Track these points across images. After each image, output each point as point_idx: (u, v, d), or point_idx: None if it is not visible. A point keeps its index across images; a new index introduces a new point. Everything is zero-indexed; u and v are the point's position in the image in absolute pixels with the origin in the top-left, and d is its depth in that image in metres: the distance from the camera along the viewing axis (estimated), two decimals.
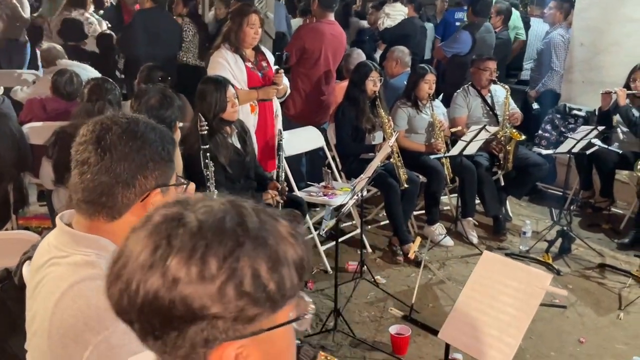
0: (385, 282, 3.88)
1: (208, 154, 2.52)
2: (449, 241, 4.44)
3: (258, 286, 0.72)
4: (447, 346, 1.95)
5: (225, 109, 3.21)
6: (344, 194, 3.92)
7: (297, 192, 4.05)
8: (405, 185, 4.19)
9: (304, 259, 0.79)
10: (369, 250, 4.33)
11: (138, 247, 0.73)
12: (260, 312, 0.74)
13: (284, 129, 4.07)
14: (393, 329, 3.06)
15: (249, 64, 3.86)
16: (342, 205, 3.26)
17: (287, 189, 3.57)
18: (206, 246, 0.71)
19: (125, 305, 0.73)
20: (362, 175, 3.05)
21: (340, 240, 4.30)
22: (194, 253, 0.71)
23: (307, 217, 3.91)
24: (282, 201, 3.40)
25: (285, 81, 4.05)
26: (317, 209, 4.57)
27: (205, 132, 2.47)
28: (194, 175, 3.18)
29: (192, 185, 1.36)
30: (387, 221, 4.42)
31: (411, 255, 2.15)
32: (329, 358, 1.02)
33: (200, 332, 0.72)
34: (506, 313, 1.79)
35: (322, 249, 4.04)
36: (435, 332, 1.90)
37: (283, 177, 3.65)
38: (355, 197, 3.09)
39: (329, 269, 3.98)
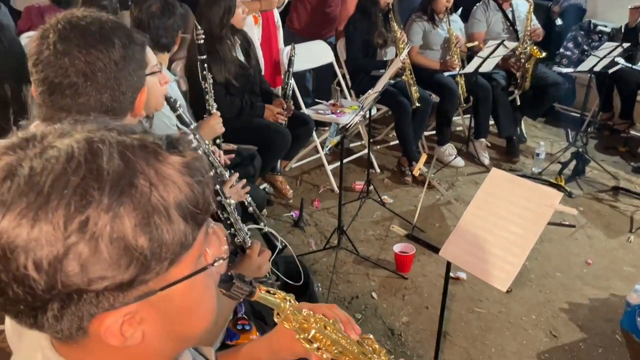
0: (392, 202, 3.83)
1: (205, 65, 2.39)
2: (459, 162, 4.35)
3: (121, 248, 0.58)
4: (449, 264, 1.91)
5: (235, 13, 3.06)
6: (353, 112, 3.80)
7: (305, 110, 3.93)
8: (417, 104, 4.05)
9: (195, 198, 0.63)
10: (377, 170, 4.27)
11: None
12: (137, 277, 0.60)
13: (287, 44, 3.88)
14: (397, 248, 3.04)
15: None
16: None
17: (292, 108, 3.45)
18: (43, 203, 0.56)
19: None
20: (370, 90, 2.92)
21: (347, 160, 4.25)
22: (28, 212, 0.56)
23: (314, 135, 3.81)
24: (285, 120, 3.29)
25: None
26: (326, 128, 4.46)
27: (202, 41, 2.33)
28: (197, 89, 3.07)
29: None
30: (397, 141, 4.32)
31: (416, 173, 2.07)
32: (271, 291, 0.90)
33: (61, 308, 0.60)
34: (511, 232, 1.72)
35: (328, 168, 3.98)
36: (437, 250, 1.85)
37: (290, 94, 3.52)
38: (362, 113, 2.97)
39: (335, 188, 3.93)
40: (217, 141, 2.69)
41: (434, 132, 4.64)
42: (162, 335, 0.69)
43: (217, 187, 1.62)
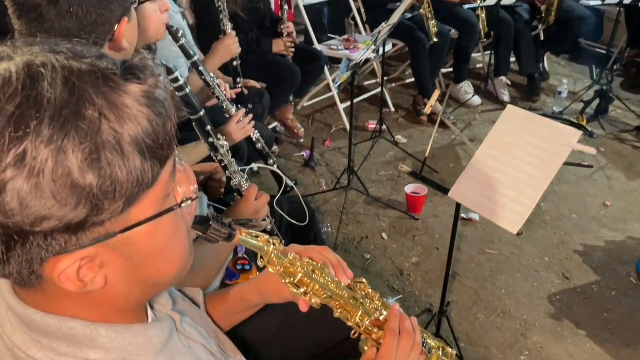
0: (406, 141, 3.74)
1: None
2: (476, 100, 4.20)
3: (67, 186, 0.52)
4: (458, 206, 1.84)
5: None
6: (367, 48, 3.66)
7: (317, 46, 3.79)
8: (435, 40, 3.87)
9: (154, 132, 0.57)
10: (392, 109, 4.16)
11: None
12: (88, 219, 0.55)
13: None
14: (409, 188, 2.98)
15: None
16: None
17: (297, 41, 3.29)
18: None
19: None
20: (384, 23, 2.77)
21: (360, 98, 4.14)
22: None
23: (327, 73, 3.69)
24: (293, 46, 3.15)
25: None
26: (340, 65, 4.33)
27: None
28: (205, 21, 2.96)
29: None
30: (413, 79, 4.18)
31: (427, 110, 1.97)
32: (254, 234, 0.86)
33: (6, 251, 0.55)
34: (525, 172, 1.64)
35: (341, 107, 3.88)
36: (446, 191, 1.78)
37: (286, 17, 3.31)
38: (375, 47, 2.83)
39: (348, 127, 3.84)
40: (238, 80, 2.62)
41: (451, 69, 4.47)
42: (128, 281, 0.64)
43: (208, 127, 1.55)
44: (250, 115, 1.87)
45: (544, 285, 2.53)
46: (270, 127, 3.69)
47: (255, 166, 1.89)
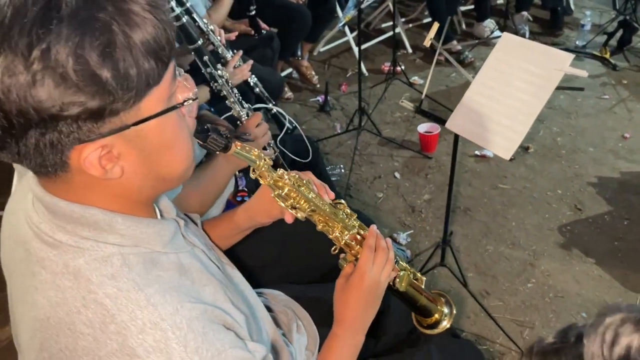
0: (422, 82, 3.72)
1: None
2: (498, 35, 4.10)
3: (87, 76, 0.61)
4: (456, 138, 1.87)
5: None
6: None
7: None
8: None
9: (158, 35, 0.66)
10: (409, 50, 4.11)
11: None
12: (106, 106, 0.64)
13: None
14: (422, 127, 3.00)
15: None
16: None
17: None
18: (6, 33, 0.60)
19: None
20: None
21: (377, 40, 4.11)
22: None
23: (339, 12, 3.65)
24: None
25: None
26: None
27: None
28: None
29: None
30: (430, 19, 4.11)
31: (426, 43, 1.96)
32: (247, 149, 0.92)
33: (40, 136, 0.64)
34: (518, 99, 1.65)
35: (356, 50, 3.85)
36: (444, 122, 1.81)
37: None
38: None
39: (364, 71, 3.84)
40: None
41: (472, 7, 4.37)
42: (141, 173, 0.74)
43: (206, 57, 1.60)
44: (250, 62, 1.91)
45: (555, 217, 2.56)
46: (284, 73, 3.72)
47: (256, 106, 1.95)
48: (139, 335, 0.69)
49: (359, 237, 1.10)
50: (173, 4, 1.48)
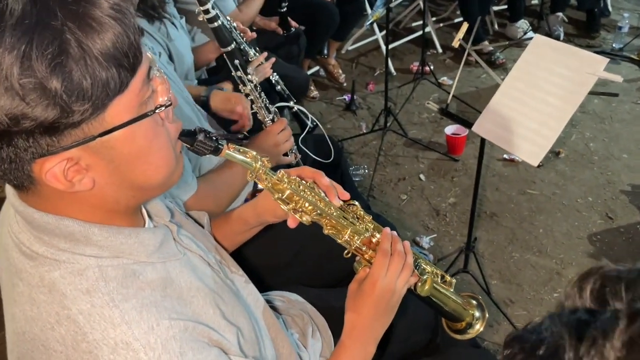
0: (451, 83, 3.65)
1: None
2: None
3: (35, 89, 0.57)
4: (483, 141, 1.82)
5: None
6: None
7: None
8: None
9: (120, 44, 0.61)
10: (439, 50, 4.04)
11: None
12: (60, 119, 0.60)
13: None
14: (449, 129, 2.94)
15: None
16: None
17: None
18: None
19: None
20: None
21: (406, 39, 4.05)
22: None
23: (368, 10, 3.60)
24: None
25: None
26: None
27: None
28: None
29: None
30: (462, 18, 4.03)
31: (455, 44, 1.91)
32: (241, 150, 0.88)
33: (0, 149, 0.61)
34: (548, 103, 1.59)
35: (385, 48, 3.80)
36: (470, 126, 1.76)
37: None
38: None
39: (392, 70, 3.78)
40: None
41: (505, 7, 4.27)
42: (114, 184, 0.70)
43: (237, 61, 1.59)
44: (273, 59, 1.89)
45: (585, 225, 2.48)
46: (311, 71, 3.70)
47: (277, 105, 1.93)
48: (110, 355, 0.67)
49: (374, 240, 1.04)
50: (209, 5, 1.46)
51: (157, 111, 0.70)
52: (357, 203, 1.05)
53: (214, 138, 0.84)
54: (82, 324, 0.67)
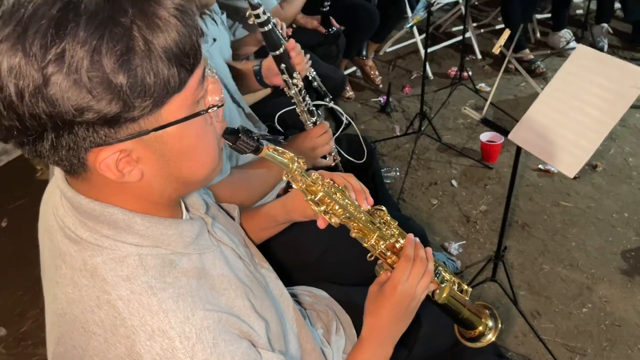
0: (489, 90, 3.62)
1: None
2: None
3: (101, 83, 0.59)
4: (518, 150, 1.80)
5: None
6: None
7: None
8: None
9: (182, 42, 0.63)
10: (478, 56, 4.01)
11: None
12: (121, 113, 0.62)
13: None
14: (484, 136, 2.91)
15: None
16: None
17: None
18: (22, 32, 0.58)
19: None
20: None
21: (445, 44, 4.02)
22: (8, 41, 0.59)
23: (409, 13, 3.60)
24: None
25: None
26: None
27: None
28: None
29: None
30: (503, 25, 3.98)
31: (495, 51, 1.90)
32: (280, 151, 0.90)
33: (56, 138, 0.63)
34: (588, 115, 1.57)
35: (423, 53, 3.79)
36: (507, 134, 1.74)
37: None
38: None
39: (430, 74, 3.77)
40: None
41: (549, 15, 4.20)
42: (161, 177, 0.73)
43: (283, 66, 1.61)
44: (307, 56, 1.90)
45: (619, 241, 2.42)
46: (348, 71, 3.71)
47: (314, 103, 1.94)
48: (147, 342, 0.68)
49: (397, 246, 1.06)
50: (260, 10, 1.48)
51: (209, 111, 0.73)
52: (384, 208, 1.07)
53: (256, 138, 0.86)
54: (121, 310, 0.69)
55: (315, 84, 1.94)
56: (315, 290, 1.34)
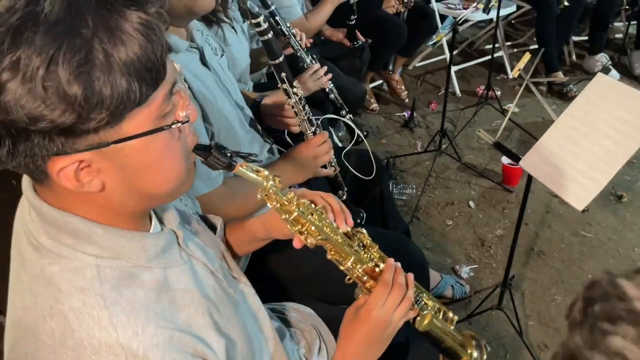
0: (518, 111, 3.54)
1: None
2: (615, 75, 3.81)
3: (56, 93, 0.59)
4: (530, 177, 1.74)
5: None
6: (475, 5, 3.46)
7: (434, 4, 3.67)
8: (566, 4, 3.56)
9: (146, 57, 0.63)
10: (510, 75, 3.93)
11: None
12: (76, 124, 0.61)
13: None
14: (506, 159, 2.84)
15: None
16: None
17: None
18: None
19: None
20: None
21: (476, 62, 3.97)
22: None
23: (440, 30, 3.55)
24: (404, 10, 3.10)
25: None
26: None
27: None
28: None
29: None
30: (537, 45, 3.90)
31: (514, 74, 1.85)
32: (254, 169, 0.88)
33: (12, 145, 0.63)
34: (602, 146, 1.51)
35: (453, 69, 3.74)
36: (518, 160, 1.70)
37: None
38: (487, 6, 2.69)
39: (457, 91, 3.72)
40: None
41: (586, 38, 4.10)
42: (123, 189, 0.72)
43: (283, 74, 1.60)
44: (325, 68, 1.89)
45: None
46: (374, 84, 3.68)
47: (328, 116, 1.93)
48: (93, 356, 0.67)
49: (377, 270, 1.03)
50: (261, 19, 1.48)
51: (173, 126, 0.71)
52: (364, 231, 1.04)
53: (229, 155, 0.84)
54: (71, 321, 0.69)
55: (332, 96, 1.93)
56: (303, 308, 1.32)
